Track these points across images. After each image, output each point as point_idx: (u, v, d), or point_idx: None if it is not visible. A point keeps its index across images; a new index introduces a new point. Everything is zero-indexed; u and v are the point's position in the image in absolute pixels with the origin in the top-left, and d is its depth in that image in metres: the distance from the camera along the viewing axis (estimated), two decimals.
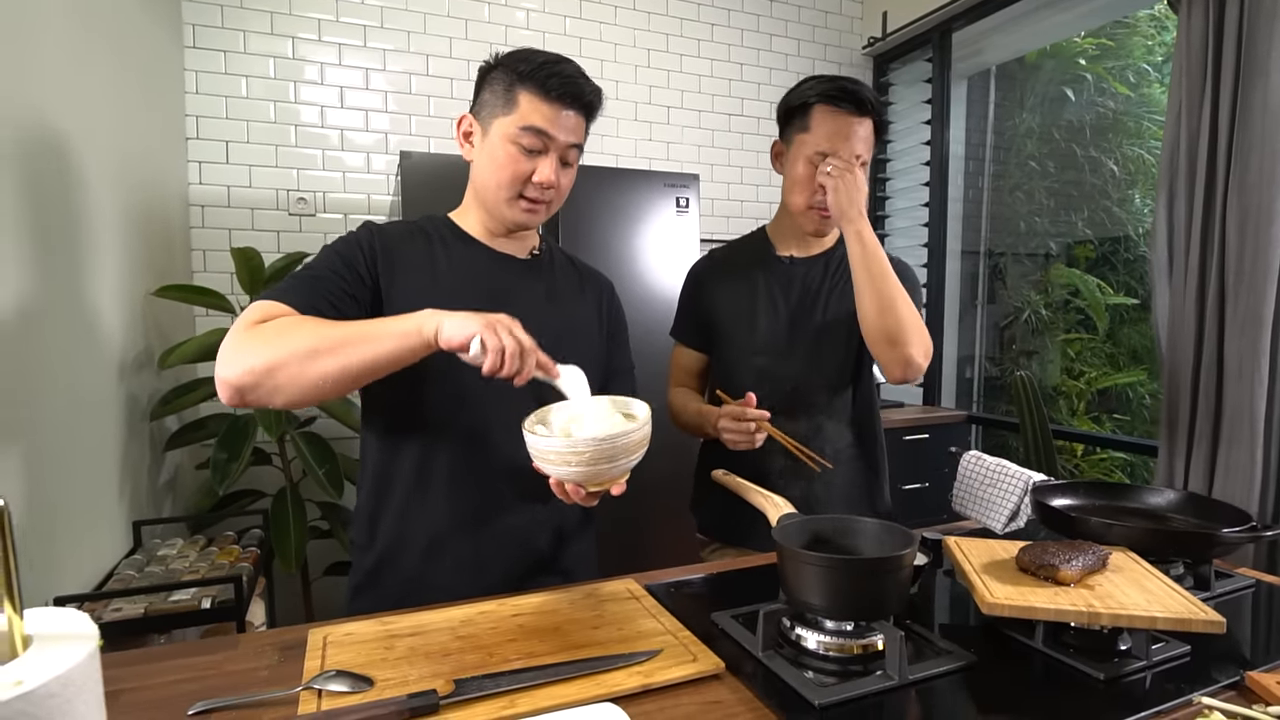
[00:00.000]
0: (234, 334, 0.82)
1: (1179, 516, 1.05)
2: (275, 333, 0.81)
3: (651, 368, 2.28)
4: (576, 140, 0.98)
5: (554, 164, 0.96)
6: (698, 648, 0.77)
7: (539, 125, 0.93)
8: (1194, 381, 1.86)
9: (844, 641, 0.75)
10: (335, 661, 0.74)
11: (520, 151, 0.94)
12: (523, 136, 0.94)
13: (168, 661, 0.76)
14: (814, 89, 1.18)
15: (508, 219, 0.99)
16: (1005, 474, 1.18)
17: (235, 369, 0.79)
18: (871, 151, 1.21)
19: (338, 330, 0.81)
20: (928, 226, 3.05)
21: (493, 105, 0.96)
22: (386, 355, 0.80)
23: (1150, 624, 0.72)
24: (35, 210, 1.25)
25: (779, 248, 1.31)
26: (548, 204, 0.99)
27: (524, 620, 0.84)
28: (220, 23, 2.25)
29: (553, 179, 0.96)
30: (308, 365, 0.78)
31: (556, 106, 0.94)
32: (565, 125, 0.95)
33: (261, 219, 2.34)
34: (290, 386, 0.79)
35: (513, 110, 0.94)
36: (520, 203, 0.97)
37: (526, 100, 0.94)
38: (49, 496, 1.25)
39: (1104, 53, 3.33)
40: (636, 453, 0.81)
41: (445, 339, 0.78)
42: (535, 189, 0.96)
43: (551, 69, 0.94)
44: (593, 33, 2.72)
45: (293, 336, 0.80)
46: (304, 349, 0.78)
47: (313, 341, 0.79)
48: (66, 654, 0.37)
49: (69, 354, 1.38)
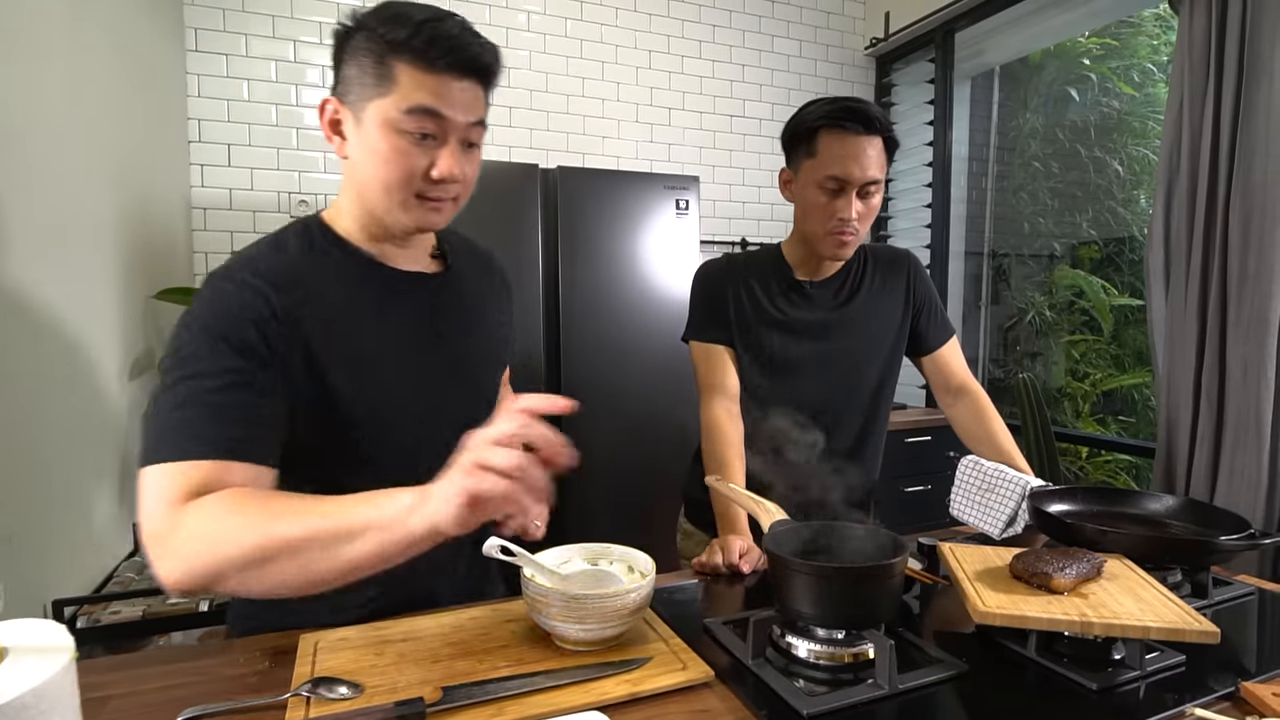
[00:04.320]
0: (149, 521, 0.66)
1: (1177, 523, 1.04)
2: (203, 529, 0.63)
3: (650, 367, 2.30)
4: (477, 116, 0.78)
5: (454, 151, 0.77)
6: (688, 655, 0.76)
7: (428, 104, 0.74)
8: (1196, 385, 1.84)
9: (834, 650, 0.75)
10: (325, 667, 0.74)
11: (409, 141, 0.75)
12: (408, 121, 0.74)
13: (158, 666, 0.76)
14: (817, 112, 1.14)
15: (404, 225, 0.80)
16: (1003, 479, 1.17)
17: (169, 573, 0.64)
18: (885, 172, 1.16)
19: (291, 522, 0.63)
20: (930, 228, 3.04)
21: (362, 84, 0.75)
22: (367, 557, 0.62)
23: (1144, 634, 0.71)
24: (37, 213, 1.26)
25: (797, 271, 1.27)
26: (454, 199, 0.81)
27: (515, 627, 0.84)
28: (222, 26, 2.26)
29: (455, 171, 0.77)
30: (258, 573, 0.63)
31: (446, 78, 0.74)
32: (461, 101, 0.76)
33: (263, 221, 2.35)
34: (243, 588, 0.65)
35: (390, 89, 0.74)
36: (418, 204, 0.78)
37: (406, 74, 0.73)
38: (49, 499, 1.26)
39: (1108, 52, 3.31)
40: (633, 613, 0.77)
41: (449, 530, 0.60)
42: (435, 185, 0.77)
43: (432, 31, 0.73)
44: (594, 34, 2.72)
45: (227, 534, 0.63)
46: (247, 555, 0.62)
47: (261, 540, 0.62)
48: (41, 666, 0.37)
49: (71, 356, 1.39)
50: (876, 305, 1.28)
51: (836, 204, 1.15)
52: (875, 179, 1.14)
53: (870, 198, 1.16)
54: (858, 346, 1.27)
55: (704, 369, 1.27)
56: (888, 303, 1.29)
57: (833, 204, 1.15)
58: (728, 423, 1.21)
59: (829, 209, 1.15)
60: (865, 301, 1.28)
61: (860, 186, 1.14)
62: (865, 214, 1.17)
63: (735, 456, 1.20)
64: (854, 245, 1.20)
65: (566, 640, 0.78)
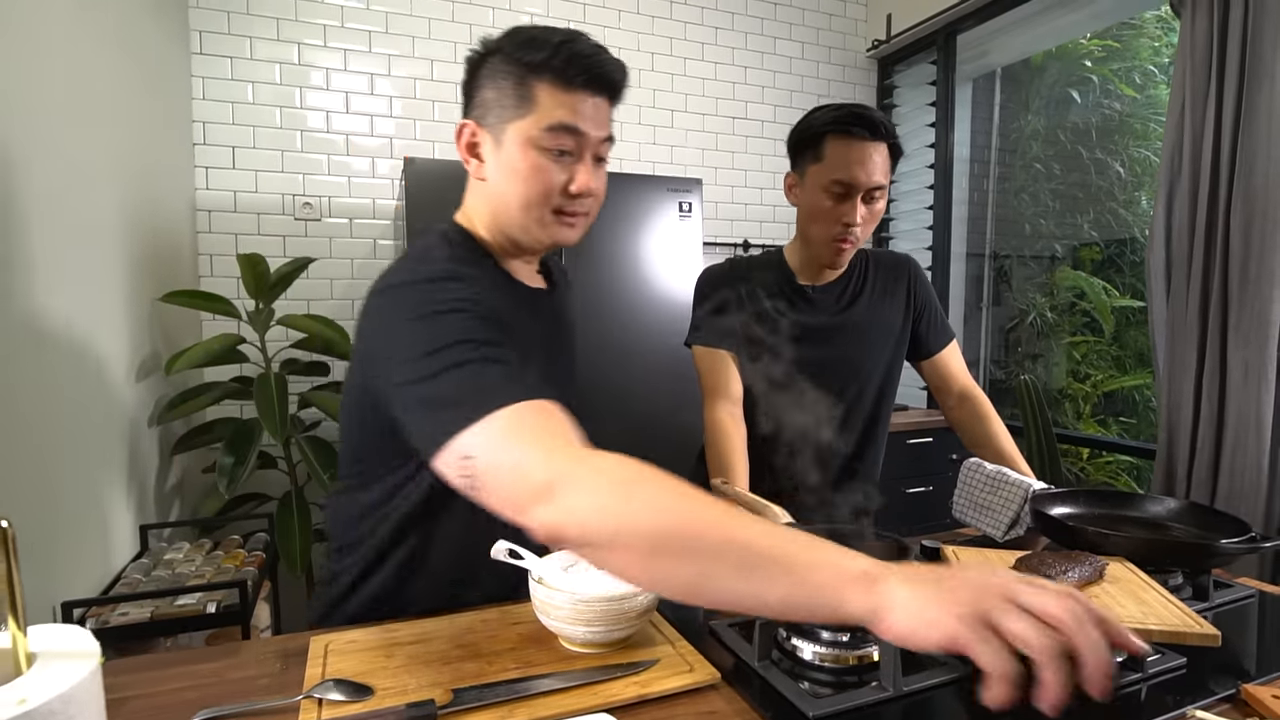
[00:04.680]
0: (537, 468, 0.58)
1: (1179, 526, 1.05)
2: (614, 489, 0.55)
3: (654, 369, 2.31)
4: (608, 131, 0.83)
5: (589, 166, 0.81)
6: (694, 657, 0.77)
7: (569, 122, 0.78)
8: (1196, 387, 1.85)
9: (839, 652, 0.76)
10: (336, 670, 0.75)
11: (549, 159, 0.79)
12: (550, 139, 0.78)
13: (171, 669, 0.77)
14: (823, 118, 1.16)
15: (543, 240, 0.83)
16: (1005, 482, 1.18)
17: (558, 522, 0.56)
18: (889, 178, 1.18)
19: (720, 519, 0.53)
20: (932, 229, 3.04)
21: (501, 106, 0.80)
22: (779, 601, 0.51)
23: (1145, 637, 0.72)
24: (44, 216, 1.27)
25: (799, 276, 1.29)
26: (586, 214, 0.85)
27: (522, 629, 0.85)
28: (227, 29, 2.28)
29: (591, 185, 0.81)
30: (651, 559, 0.53)
31: (583, 95, 0.79)
32: (595, 117, 0.80)
33: (268, 224, 2.36)
34: (617, 572, 0.57)
35: (530, 109, 0.78)
36: (555, 220, 0.82)
37: (546, 94, 0.78)
38: (57, 501, 1.27)
39: (1110, 54, 3.32)
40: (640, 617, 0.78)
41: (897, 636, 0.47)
42: (573, 201, 0.81)
43: (569, 51, 0.77)
44: (597, 37, 2.72)
45: (647, 505, 0.54)
46: (666, 535, 0.53)
47: (675, 522, 0.53)
48: (69, 671, 0.38)
49: (78, 359, 1.40)
50: (878, 310, 1.29)
51: (842, 208, 1.16)
52: (880, 184, 1.15)
53: (874, 203, 1.17)
54: (860, 351, 1.28)
55: (707, 373, 1.28)
56: (889, 307, 1.30)
57: (838, 208, 1.16)
58: (731, 426, 1.22)
59: (834, 213, 1.17)
60: (867, 306, 1.29)
61: (865, 191, 1.15)
62: (869, 218, 1.18)
63: (739, 459, 1.20)
64: (850, 254, 1.22)
65: (574, 642, 0.79)
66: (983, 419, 1.30)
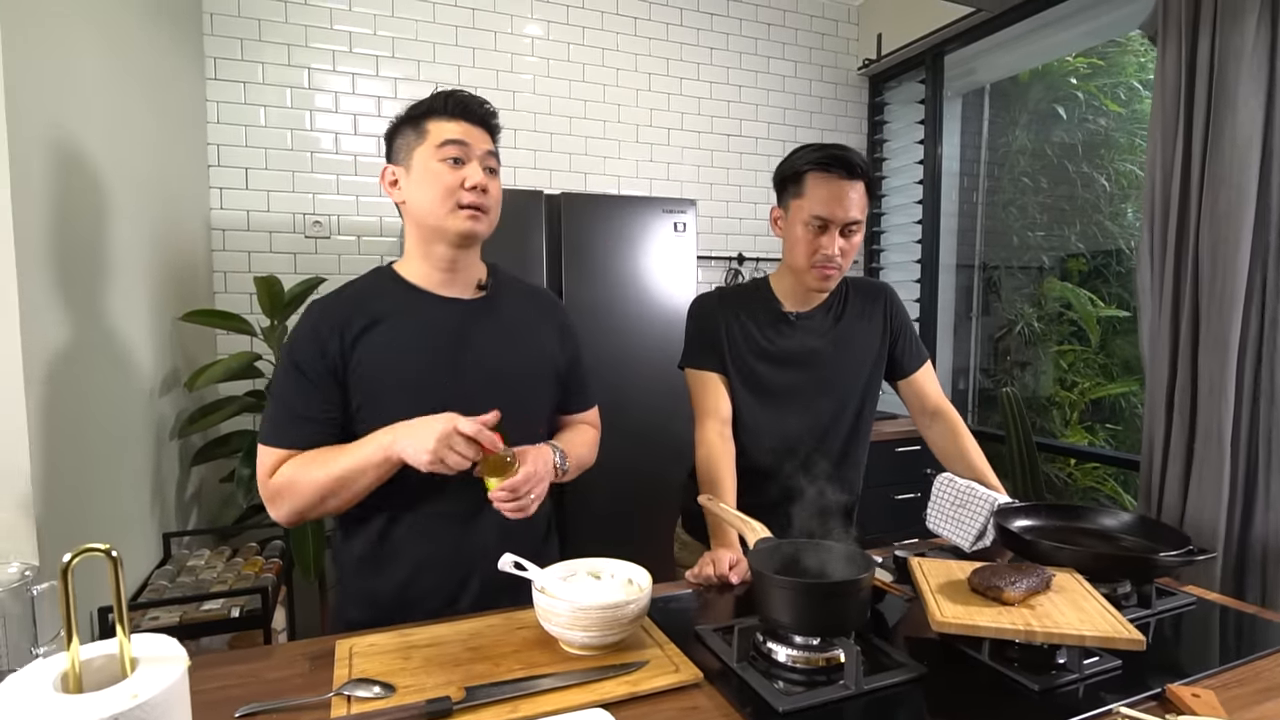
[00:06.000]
0: (261, 486, 1.04)
1: (1129, 538, 1.14)
2: (289, 487, 1.01)
3: (648, 385, 2.40)
4: (490, 148, 1.09)
5: (479, 167, 1.05)
6: (680, 659, 0.87)
7: (454, 137, 1.04)
8: (1168, 399, 1.94)
9: (809, 655, 0.85)
10: (361, 670, 0.84)
11: (446, 165, 1.03)
12: (443, 151, 1.04)
13: (212, 669, 0.87)
14: (805, 158, 1.25)
15: (455, 230, 1.05)
16: (974, 496, 1.27)
17: (280, 516, 1.04)
18: (866, 212, 1.27)
19: (333, 472, 0.99)
20: (921, 242, 3.13)
21: (407, 145, 1.06)
22: (372, 482, 1.00)
23: (1080, 641, 0.81)
24: (76, 245, 1.36)
25: (784, 303, 1.37)
26: (486, 211, 1.06)
27: (526, 633, 0.94)
28: (240, 55, 2.37)
29: (483, 180, 1.05)
30: (325, 504, 1.01)
31: (461, 122, 1.06)
32: (475, 135, 1.06)
33: (279, 241, 2.45)
34: (321, 514, 1.04)
35: (425, 137, 1.05)
36: (461, 212, 1.04)
37: (435, 125, 1.05)
38: (89, 511, 1.36)
39: (1095, 71, 3.41)
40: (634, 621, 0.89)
41: (411, 462, 0.95)
42: (470, 194, 1.04)
43: (447, 96, 1.07)
44: (595, 59, 2.82)
45: (302, 489, 1.00)
46: (316, 497, 1.00)
47: (318, 490, 1.00)
48: (166, 672, 0.47)
49: (106, 379, 1.49)
50: (858, 334, 1.39)
51: (821, 240, 1.25)
52: (856, 220, 1.25)
53: (852, 236, 1.26)
54: (841, 372, 1.37)
55: (699, 394, 1.37)
56: (868, 331, 1.39)
57: (817, 240, 1.26)
58: (720, 444, 1.31)
59: (813, 245, 1.26)
60: (847, 330, 1.38)
61: (842, 226, 1.25)
62: (847, 250, 1.27)
63: (727, 475, 1.29)
64: (837, 279, 1.31)
65: (572, 645, 0.88)
66: (954, 435, 1.39)
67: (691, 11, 2.97)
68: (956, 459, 1.38)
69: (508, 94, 2.70)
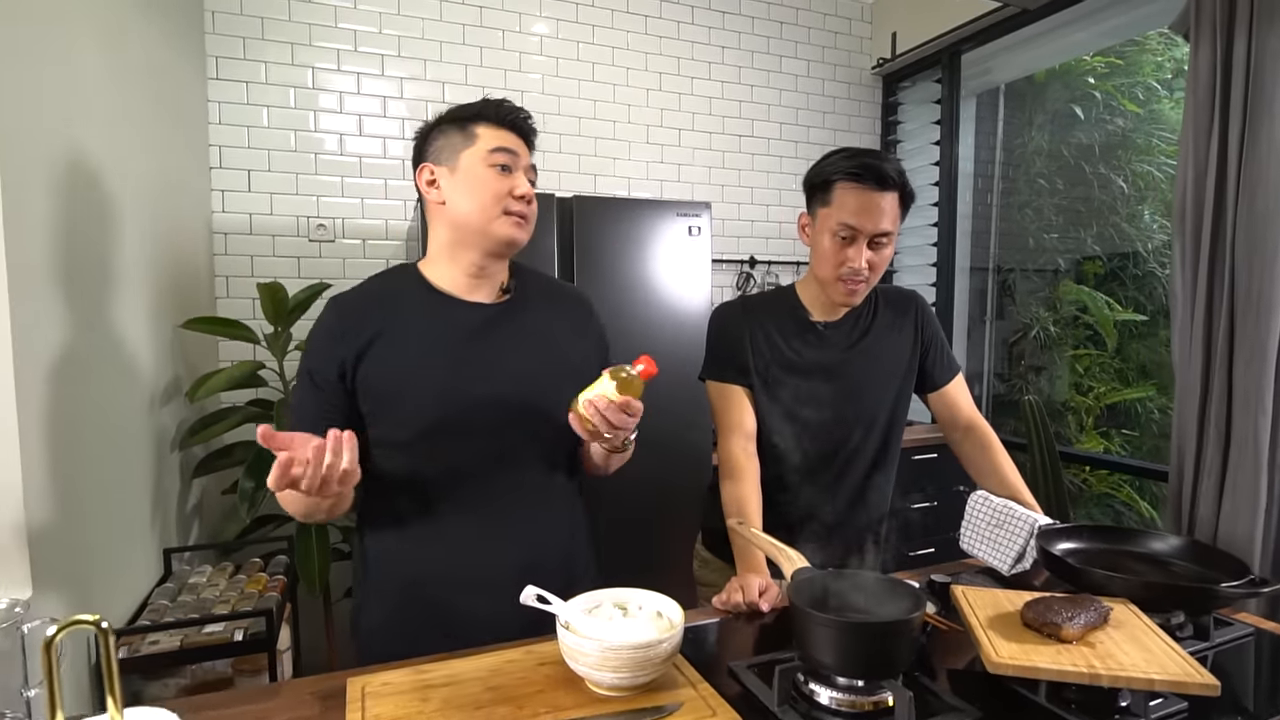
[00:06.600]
0: None
1: (1180, 563, 1.08)
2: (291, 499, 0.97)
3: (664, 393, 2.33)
4: (531, 161, 1.09)
5: (524, 179, 1.05)
6: (716, 701, 0.81)
7: (506, 145, 1.04)
8: (1201, 410, 1.88)
9: (855, 698, 0.79)
10: (375, 715, 0.78)
11: (495, 171, 1.02)
12: (494, 157, 1.02)
13: (216, 711, 0.81)
14: (836, 165, 1.19)
15: (501, 237, 1.04)
16: (1011, 516, 1.21)
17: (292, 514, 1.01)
18: (898, 224, 1.21)
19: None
20: (936, 245, 3.08)
21: (451, 146, 1.04)
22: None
23: (1148, 685, 0.76)
24: (72, 249, 1.31)
25: (812, 312, 1.32)
26: (528, 219, 1.06)
27: (549, 670, 0.88)
28: (242, 54, 2.31)
29: (530, 191, 1.05)
30: (332, 513, 1.00)
31: (510, 132, 1.06)
32: (520, 147, 1.06)
33: (282, 245, 2.39)
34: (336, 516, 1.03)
35: (476, 140, 1.03)
36: (508, 218, 1.04)
37: (484, 130, 1.04)
38: (86, 528, 1.31)
39: (1113, 71, 3.34)
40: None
41: None
42: (518, 202, 1.04)
43: (496, 105, 1.06)
44: (605, 58, 2.76)
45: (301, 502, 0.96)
46: (303, 512, 0.99)
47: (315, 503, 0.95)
48: None
49: (105, 389, 1.43)
50: (887, 344, 1.33)
51: (848, 251, 1.19)
52: (886, 231, 1.18)
53: (881, 249, 1.20)
54: (869, 385, 1.31)
55: (721, 408, 1.31)
56: (898, 342, 1.33)
57: (844, 251, 1.20)
58: (745, 461, 1.26)
59: (840, 255, 1.20)
60: (876, 341, 1.32)
61: (871, 238, 1.18)
62: (876, 263, 1.21)
63: (753, 494, 1.24)
64: (864, 292, 1.25)
65: (601, 686, 0.82)
66: (988, 450, 1.33)
67: (703, 9, 2.91)
68: (990, 475, 1.32)
69: (516, 94, 2.64)
